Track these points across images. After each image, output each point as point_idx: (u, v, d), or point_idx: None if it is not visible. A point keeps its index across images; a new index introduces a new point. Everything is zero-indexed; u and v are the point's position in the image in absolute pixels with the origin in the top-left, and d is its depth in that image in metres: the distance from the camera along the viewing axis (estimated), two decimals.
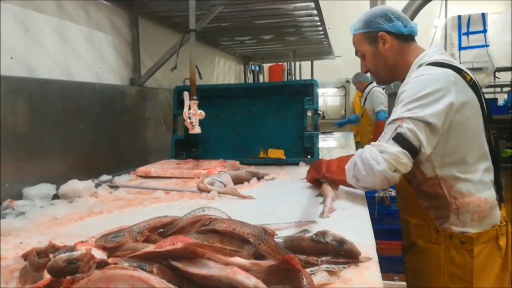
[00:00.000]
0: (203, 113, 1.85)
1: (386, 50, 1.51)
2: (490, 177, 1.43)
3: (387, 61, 1.53)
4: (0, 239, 1.06)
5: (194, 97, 1.83)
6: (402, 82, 1.52)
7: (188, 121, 1.82)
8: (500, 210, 1.44)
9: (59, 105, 1.74)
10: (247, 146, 2.34)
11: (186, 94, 1.83)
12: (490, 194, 1.41)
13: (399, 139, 1.27)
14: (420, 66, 1.43)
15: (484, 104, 1.43)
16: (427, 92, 1.30)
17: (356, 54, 1.61)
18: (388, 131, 1.32)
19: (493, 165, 1.43)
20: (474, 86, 1.39)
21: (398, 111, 1.33)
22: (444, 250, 1.41)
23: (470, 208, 1.37)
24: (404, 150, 1.26)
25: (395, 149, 1.26)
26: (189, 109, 1.82)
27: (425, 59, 1.43)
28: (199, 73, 1.99)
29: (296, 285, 0.66)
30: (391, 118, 1.34)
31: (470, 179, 1.37)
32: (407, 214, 1.57)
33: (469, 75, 1.39)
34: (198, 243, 0.69)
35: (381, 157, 1.26)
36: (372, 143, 1.34)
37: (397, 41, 1.51)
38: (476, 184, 1.38)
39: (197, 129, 1.84)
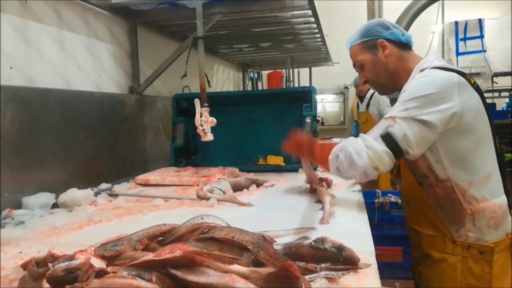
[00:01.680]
0: (214, 120, 1.85)
1: (386, 56, 1.50)
2: (500, 182, 1.42)
3: (388, 67, 1.51)
4: None
5: (205, 104, 1.83)
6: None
7: (200, 128, 1.82)
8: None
9: (58, 114, 1.74)
10: (246, 153, 2.35)
11: (197, 101, 1.83)
12: (503, 199, 1.40)
13: (387, 138, 1.29)
14: (422, 70, 1.42)
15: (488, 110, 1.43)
16: (429, 93, 1.29)
17: (354, 66, 1.60)
18: (380, 127, 1.34)
19: (500, 170, 1.42)
20: (478, 90, 1.38)
21: (395, 109, 1.34)
22: (462, 261, 1.38)
23: (486, 214, 1.35)
24: (389, 150, 1.29)
25: (380, 147, 1.28)
26: (201, 116, 1.82)
27: (426, 65, 1.43)
28: (208, 81, 1.99)
29: None
30: (388, 114, 1.35)
31: (483, 184, 1.36)
32: (418, 224, 1.52)
33: (472, 78, 1.40)
34: (197, 251, 0.69)
35: (365, 152, 1.29)
36: (361, 134, 1.37)
37: (396, 48, 1.51)
38: (490, 189, 1.37)
39: (209, 136, 1.84)
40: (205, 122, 1.82)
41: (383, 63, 1.52)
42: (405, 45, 1.53)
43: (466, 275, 1.38)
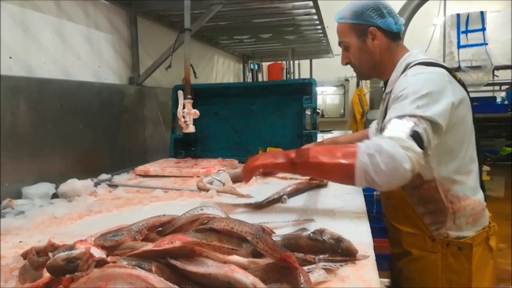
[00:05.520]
0: (197, 112, 1.84)
1: (375, 46, 1.45)
2: (478, 178, 1.43)
3: (373, 57, 1.47)
4: None
5: (189, 96, 1.83)
6: (384, 80, 1.51)
7: (182, 120, 1.82)
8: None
9: (58, 104, 1.74)
10: (246, 145, 2.35)
11: (180, 93, 1.82)
12: (481, 195, 1.42)
13: (417, 138, 1.13)
14: (407, 65, 1.39)
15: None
16: (431, 90, 1.23)
17: (339, 44, 1.53)
18: (403, 126, 1.16)
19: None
20: (463, 85, 1.39)
21: (406, 107, 1.20)
22: (441, 258, 1.40)
23: (466, 211, 1.36)
24: (423, 151, 1.13)
25: (418, 149, 1.12)
26: (184, 108, 1.82)
27: (411, 59, 1.41)
28: (194, 72, 1.99)
29: (293, 283, 0.67)
30: (399, 113, 1.20)
31: (465, 181, 1.37)
32: (398, 221, 1.53)
33: (457, 74, 1.40)
34: (196, 242, 0.70)
35: (407, 155, 1.09)
36: (389, 135, 1.15)
37: (386, 39, 1.45)
38: (471, 186, 1.38)
39: (191, 128, 1.84)
40: (187, 114, 1.82)
41: (370, 52, 1.46)
42: (395, 35, 1.47)
43: (446, 271, 1.40)
